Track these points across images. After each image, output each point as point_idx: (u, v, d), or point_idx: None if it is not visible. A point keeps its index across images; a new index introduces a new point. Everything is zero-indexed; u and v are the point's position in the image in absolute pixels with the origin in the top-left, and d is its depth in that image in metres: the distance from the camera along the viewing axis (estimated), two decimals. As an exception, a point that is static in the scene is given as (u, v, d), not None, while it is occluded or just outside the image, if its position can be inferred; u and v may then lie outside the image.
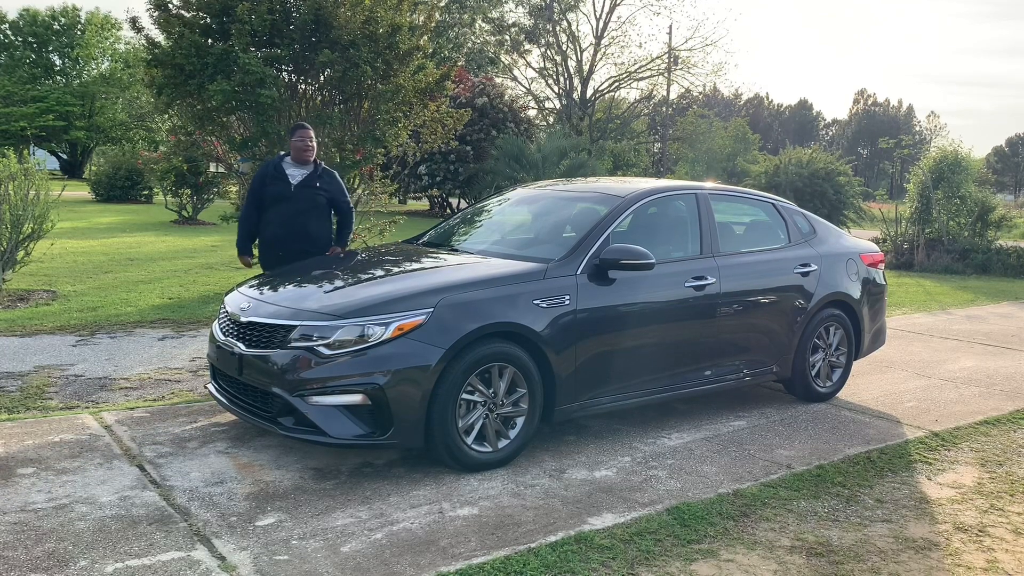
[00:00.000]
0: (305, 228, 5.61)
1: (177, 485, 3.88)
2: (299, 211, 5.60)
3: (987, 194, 16.88)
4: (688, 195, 5.44)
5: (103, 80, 48.82)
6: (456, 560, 3.24)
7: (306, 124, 5.81)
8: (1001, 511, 4.01)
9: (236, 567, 3.13)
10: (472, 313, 4.10)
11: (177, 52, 8.23)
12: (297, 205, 5.60)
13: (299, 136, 5.66)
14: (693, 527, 3.64)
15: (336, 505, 3.73)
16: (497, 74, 36.66)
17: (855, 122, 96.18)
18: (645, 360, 4.82)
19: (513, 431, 4.29)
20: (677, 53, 38.13)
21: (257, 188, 5.72)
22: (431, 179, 23.54)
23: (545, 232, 5.26)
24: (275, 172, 5.66)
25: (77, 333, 7.07)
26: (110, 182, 25.66)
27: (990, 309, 10.79)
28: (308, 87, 9.28)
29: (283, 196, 5.59)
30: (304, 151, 5.66)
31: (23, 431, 4.53)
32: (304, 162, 5.69)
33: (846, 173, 19.33)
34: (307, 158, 5.67)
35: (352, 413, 3.93)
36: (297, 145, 5.66)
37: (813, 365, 5.74)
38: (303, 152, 5.66)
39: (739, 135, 39.61)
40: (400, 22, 8.75)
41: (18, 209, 8.62)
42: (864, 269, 6.07)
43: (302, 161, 5.69)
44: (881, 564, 3.40)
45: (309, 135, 5.68)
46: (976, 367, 7.13)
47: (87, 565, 3.09)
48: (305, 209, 5.61)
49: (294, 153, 5.69)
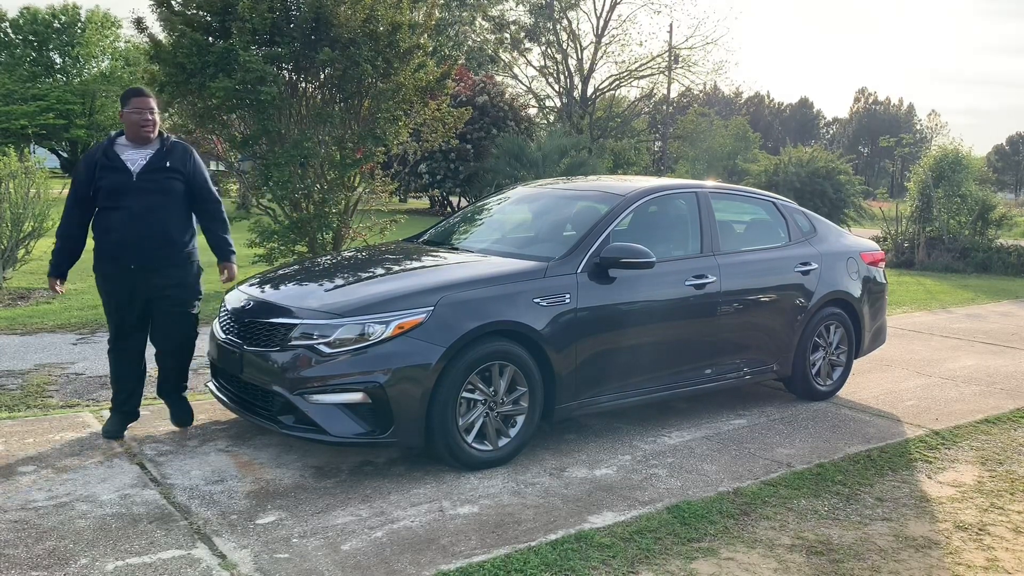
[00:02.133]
0: (161, 228, 4.29)
1: (177, 483, 3.88)
2: (148, 206, 4.25)
3: (988, 193, 16.88)
4: (688, 194, 5.44)
5: (103, 78, 48.78)
6: (456, 558, 3.24)
7: (144, 90, 4.39)
8: (1001, 510, 4.01)
9: (236, 565, 3.13)
10: (472, 312, 4.10)
11: (178, 50, 8.23)
12: (144, 198, 4.24)
13: (134, 106, 4.28)
14: (693, 525, 3.64)
15: (336, 503, 3.74)
16: (497, 72, 36.64)
17: (856, 121, 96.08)
18: (645, 359, 4.82)
19: (513, 430, 4.29)
20: (678, 51, 38.11)
21: (82, 184, 4.29)
22: (432, 178, 23.56)
23: (545, 231, 5.25)
24: (106, 159, 4.27)
25: (78, 331, 7.07)
26: (111, 180, 25.64)
27: (990, 308, 10.79)
28: (308, 85, 9.27)
29: (122, 188, 4.23)
30: (143, 126, 4.29)
31: (24, 429, 4.54)
32: (144, 140, 4.33)
33: (846, 172, 19.33)
34: (147, 135, 4.32)
35: (352, 411, 3.93)
36: (132, 118, 4.28)
37: (813, 364, 5.74)
38: (141, 127, 4.29)
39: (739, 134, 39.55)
40: (400, 20, 8.75)
41: (19, 207, 8.63)
42: (864, 268, 6.07)
43: (141, 139, 4.32)
44: (881, 562, 3.40)
45: (148, 104, 4.31)
46: (976, 366, 7.13)
47: (88, 563, 3.09)
48: (155, 203, 4.27)
49: (129, 130, 4.32)
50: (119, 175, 4.25)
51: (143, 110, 4.27)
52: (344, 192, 9.23)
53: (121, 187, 4.24)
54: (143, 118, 4.27)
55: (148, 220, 4.26)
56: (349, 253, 5.53)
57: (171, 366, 4.62)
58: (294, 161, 8.56)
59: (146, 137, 4.32)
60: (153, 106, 4.33)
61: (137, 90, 4.37)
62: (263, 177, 8.83)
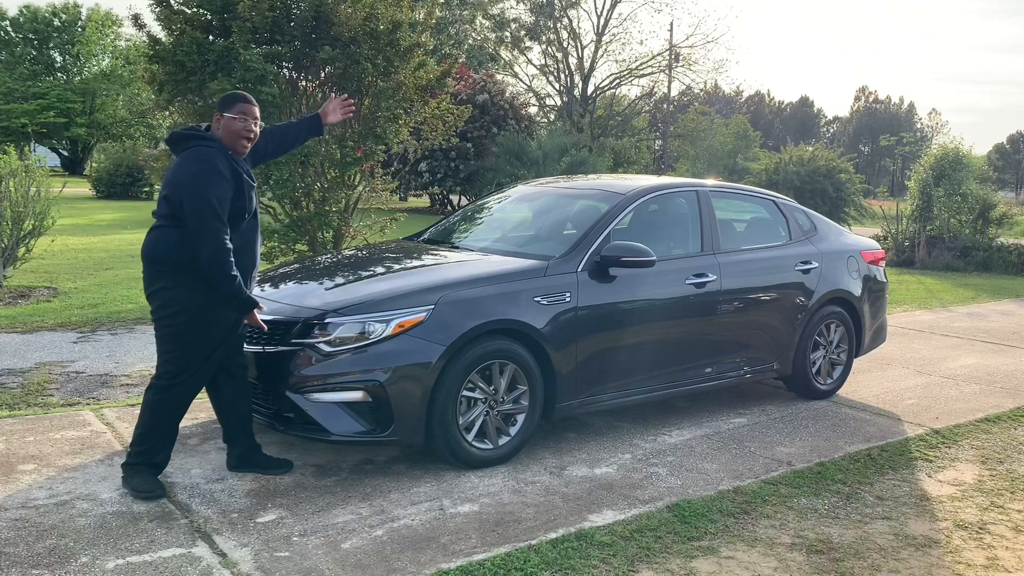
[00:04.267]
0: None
1: (178, 482, 3.88)
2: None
3: (988, 191, 16.86)
4: (689, 192, 5.43)
5: (104, 77, 48.80)
6: (457, 557, 3.25)
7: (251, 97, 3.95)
8: (1001, 508, 4.01)
9: (237, 563, 3.13)
10: (473, 310, 4.10)
11: (178, 49, 8.22)
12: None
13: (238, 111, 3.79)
14: (693, 524, 3.64)
15: (337, 502, 3.74)
16: (498, 71, 36.60)
17: (856, 119, 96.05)
18: (646, 357, 4.82)
19: (514, 428, 4.29)
20: (678, 50, 38.07)
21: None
22: (432, 176, 23.53)
23: (546, 229, 5.25)
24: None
25: (78, 330, 7.07)
26: (111, 179, 25.68)
27: (991, 306, 10.79)
28: (309, 84, 9.26)
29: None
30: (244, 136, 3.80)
31: (24, 428, 4.54)
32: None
33: (847, 170, 19.33)
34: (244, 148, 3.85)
35: (353, 410, 3.93)
36: (236, 126, 3.78)
37: (814, 362, 5.74)
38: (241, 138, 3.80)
39: (740, 132, 39.59)
40: (401, 19, 8.74)
41: (19, 206, 8.63)
42: (865, 266, 6.06)
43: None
44: (881, 561, 3.40)
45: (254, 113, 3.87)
46: (977, 364, 7.12)
47: (88, 561, 3.09)
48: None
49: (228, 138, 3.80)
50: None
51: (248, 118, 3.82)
52: (344, 190, 9.22)
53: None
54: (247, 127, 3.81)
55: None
56: (349, 252, 5.53)
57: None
58: (294, 159, 8.55)
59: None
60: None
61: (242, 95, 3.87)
62: (263, 176, 8.82)
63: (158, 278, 3.70)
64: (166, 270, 3.68)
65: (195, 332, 3.70)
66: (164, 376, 3.73)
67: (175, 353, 3.72)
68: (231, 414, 3.99)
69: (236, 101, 3.80)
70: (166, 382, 3.73)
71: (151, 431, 3.74)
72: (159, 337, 3.75)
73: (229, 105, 3.78)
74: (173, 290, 3.67)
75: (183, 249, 3.62)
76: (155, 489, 3.70)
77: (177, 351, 3.72)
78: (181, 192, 3.61)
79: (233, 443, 4.04)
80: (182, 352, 3.72)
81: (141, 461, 3.75)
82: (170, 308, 3.68)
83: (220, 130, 3.76)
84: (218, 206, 3.58)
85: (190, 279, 3.64)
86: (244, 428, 4.01)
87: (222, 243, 3.58)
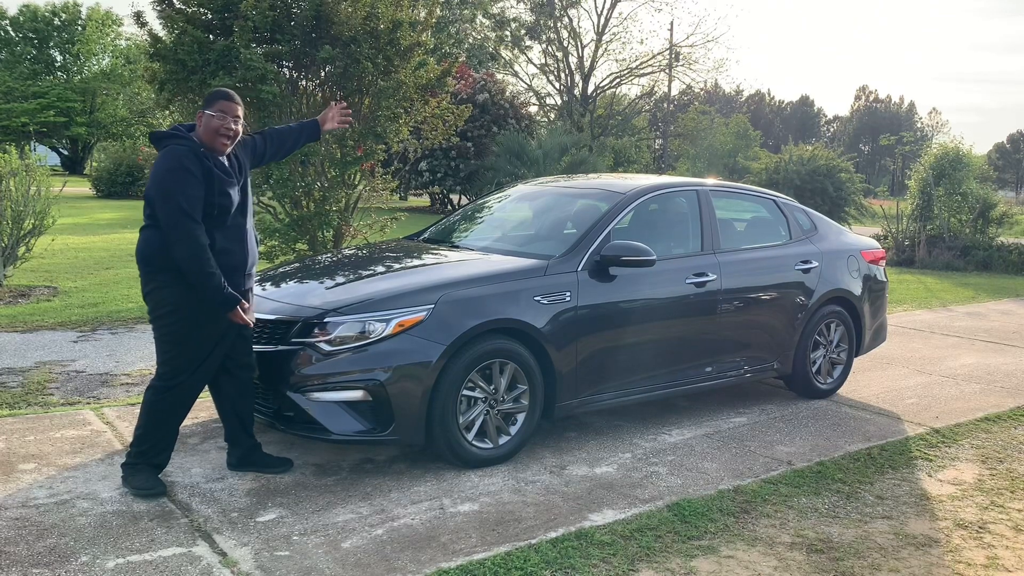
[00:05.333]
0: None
1: (178, 481, 3.88)
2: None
3: (988, 191, 16.86)
4: (689, 192, 5.43)
5: (104, 76, 48.77)
6: (457, 556, 3.25)
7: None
8: (1001, 508, 4.01)
9: (237, 562, 3.13)
10: (473, 309, 4.10)
11: (179, 47, 8.22)
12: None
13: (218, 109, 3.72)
14: (693, 523, 3.64)
15: (337, 501, 3.74)
16: (498, 70, 36.61)
17: (856, 119, 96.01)
18: (646, 356, 4.82)
19: (514, 427, 4.29)
20: (678, 49, 38.07)
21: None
22: (432, 175, 23.53)
23: (546, 229, 5.25)
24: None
25: (78, 329, 7.07)
26: (111, 178, 25.66)
27: (991, 306, 10.79)
28: (309, 83, 9.26)
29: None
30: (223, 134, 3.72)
31: (24, 427, 4.54)
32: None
33: (847, 170, 19.33)
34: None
35: (353, 409, 3.94)
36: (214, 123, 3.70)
37: (814, 362, 5.74)
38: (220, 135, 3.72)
39: (740, 132, 39.56)
40: (401, 18, 8.73)
41: (19, 205, 8.63)
42: (865, 266, 6.06)
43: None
44: (881, 560, 3.40)
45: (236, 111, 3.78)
46: (977, 364, 7.12)
47: (88, 560, 3.09)
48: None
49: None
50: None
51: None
52: (344, 190, 9.22)
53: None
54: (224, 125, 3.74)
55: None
56: (350, 251, 5.53)
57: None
58: (294, 159, 8.55)
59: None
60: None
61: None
62: (263, 175, 8.82)
63: (151, 279, 3.71)
64: (157, 271, 3.67)
65: (189, 332, 3.69)
66: (162, 377, 3.74)
67: (172, 354, 3.72)
68: (232, 414, 4.00)
69: (217, 99, 3.77)
70: (164, 383, 3.73)
71: (151, 432, 3.74)
72: (156, 338, 3.76)
73: (210, 103, 3.77)
74: (165, 291, 3.67)
75: (168, 249, 3.63)
76: (155, 487, 3.71)
77: (174, 352, 3.72)
78: (151, 192, 3.64)
79: (234, 443, 4.04)
80: (179, 352, 3.72)
81: (141, 461, 3.75)
82: (163, 308, 3.68)
83: (200, 128, 3.76)
84: (187, 204, 3.54)
85: (180, 279, 3.63)
86: (245, 428, 4.02)
87: (195, 241, 3.55)
